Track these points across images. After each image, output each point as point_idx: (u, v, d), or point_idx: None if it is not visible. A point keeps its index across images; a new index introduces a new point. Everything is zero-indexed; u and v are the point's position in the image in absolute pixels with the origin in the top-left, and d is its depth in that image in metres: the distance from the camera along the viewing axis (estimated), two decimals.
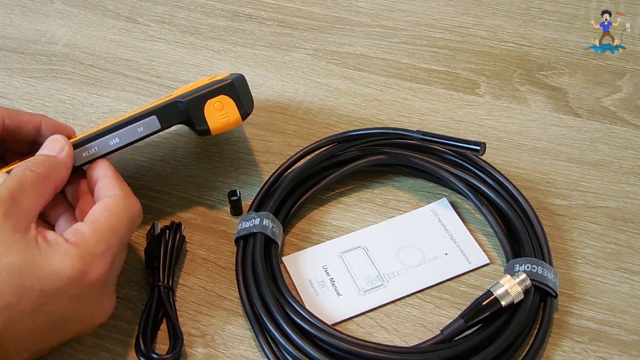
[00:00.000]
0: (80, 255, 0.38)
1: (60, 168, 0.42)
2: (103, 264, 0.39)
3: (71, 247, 0.38)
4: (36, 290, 0.36)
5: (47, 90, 0.62)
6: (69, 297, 0.37)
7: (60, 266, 0.37)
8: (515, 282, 0.43)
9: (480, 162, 0.52)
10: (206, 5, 0.71)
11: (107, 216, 0.40)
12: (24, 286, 0.36)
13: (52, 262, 0.37)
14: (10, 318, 0.36)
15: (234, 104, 0.47)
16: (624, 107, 0.60)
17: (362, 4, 0.71)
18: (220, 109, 0.47)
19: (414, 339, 0.45)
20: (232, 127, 0.48)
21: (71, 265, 0.37)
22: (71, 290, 0.37)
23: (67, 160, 0.43)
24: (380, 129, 0.53)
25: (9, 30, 0.69)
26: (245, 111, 0.48)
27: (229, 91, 0.47)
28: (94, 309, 0.40)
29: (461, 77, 0.63)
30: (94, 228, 0.39)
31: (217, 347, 0.45)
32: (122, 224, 0.41)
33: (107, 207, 0.41)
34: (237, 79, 0.48)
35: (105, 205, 0.41)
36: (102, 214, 0.40)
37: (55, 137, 0.44)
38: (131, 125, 0.46)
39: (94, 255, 0.38)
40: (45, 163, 0.42)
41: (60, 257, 0.37)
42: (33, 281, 0.36)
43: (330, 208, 0.53)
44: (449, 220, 0.51)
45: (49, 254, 0.37)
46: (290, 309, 0.44)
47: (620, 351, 0.44)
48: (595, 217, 0.51)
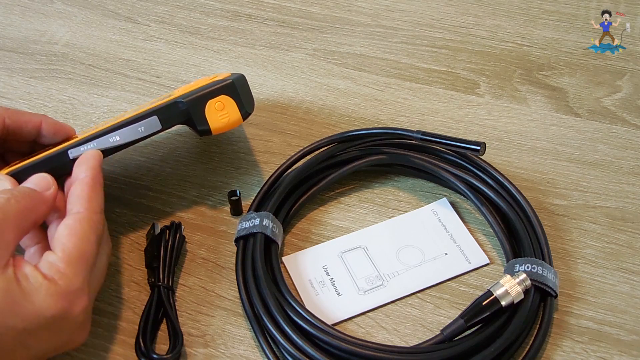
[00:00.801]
0: (61, 293, 0.37)
1: (43, 205, 0.41)
2: (84, 297, 0.39)
3: (51, 285, 0.37)
4: (18, 329, 0.36)
5: (47, 90, 0.62)
6: (50, 332, 0.38)
7: (43, 306, 0.37)
8: (515, 282, 0.43)
9: (480, 162, 0.52)
10: (206, 5, 0.71)
11: (76, 242, 0.39)
12: (6, 325, 0.36)
13: (34, 302, 0.37)
14: None
15: (235, 104, 0.48)
16: (624, 107, 0.60)
17: (362, 4, 0.71)
18: (221, 109, 0.47)
19: (414, 339, 0.45)
20: (233, 127, 0.48)
21: (54, 305, 0.37)
22: (54, 326, 0.38)
23: (51, 200, 0.42)
24: (380, 129, 0.53)
25: (9, 30, 0.69)
26: (246, 111, 0.48)
27: (229, 91, 0.47)
28: (73, 336, 0.40)
29: (461, 77, 0.63)
30: (66, 260, 0.39)
31: (217, 347, 0.45)
32: (90, 248, 0.40)
33: (74, 232, 0.40)
34: (237, 79, 0.48)
35: (71, 230, 0.40)
36: (70, 239, 0.39)
37: (43, 175, 0.43)
38: (132, 125, 0.46)
39: (75, 291, 0.38)
40: (30, 197, 0.40)
41: (42, 296, 0.37)
42: (16, 321, 0.36)
43: (330, 208, 0.53)
44: (449, 220, 0.51)
45: (30, 293, 0.37)
46: (290, 309, 0.44)
47: (620, 351, 0.44)
48: (595, 217, 0.51)
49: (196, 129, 0.48)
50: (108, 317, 0.46)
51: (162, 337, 0.45)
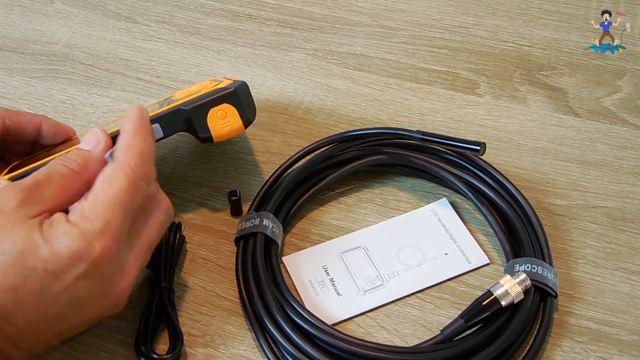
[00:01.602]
0: (78, 233, 0.37)
1: (94, 163, 0.41)
2: (105, 239, 0.37)
3: (69, 226, 0.37)
4: (40, 270, 0.36)
5: (47, 90, 0.62)
6: (74, 276, 0.37)
7: (60, 245, 0.37)
8: (515, 282, 0.43)
9: (480, 162, 0.52)
10: (206, 5, 0.71)
11: (106, 188, 0.39)
12: (28, 267, 0.36)
13: (52, 242, 0.37)
14: (18, 299, 0.36)
15: (237, 112, 0.48)
16: (624, 107, 0.60)
17: (362, 4, 0.71)
18: (223, 117, 0.47)
19: (414, 339, 0.45)
20: (234, 134, 0.48)
21: (70, 244, 0.37)
22: (75, 269, 0.37)
23: (102, 156, 0.42)
24: (380, 129, 0.53)
25: (9, 30, 0.69)
26: (247, 119, 0.48)
27: (232, 100, 0.47)
28: (104, 287, 0.39)
29: (461, 77, 0.63)
30: (92, 203, 0.38)
31: (217, 347, 0.45)
32: (123, 195, 0.39)
33: (107, 178, 0.39)
34: (240, 87, 0.48)
35: (105, 177, 0.39)
36: (101, 186, 0.39)
37: (95, 130, 0.43)
38: None
39: (93, 232, 0.37)
40: (78, 158, 0.41)
41: (59, 236, 0.37)
42: (36, 261, 0.36)
43: (330, 208, 0.53)
44: (449, 220, 0.51)
45: (50, 234, 0.37)
46: (290, 309, 0.44)
47: (620, 351, 0.44)
48: (595, 217, 0.51)
49: (198, 137, 0.48)
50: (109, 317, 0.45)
51: (162, 337, 0.45)
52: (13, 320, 0.36)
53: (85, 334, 0.45)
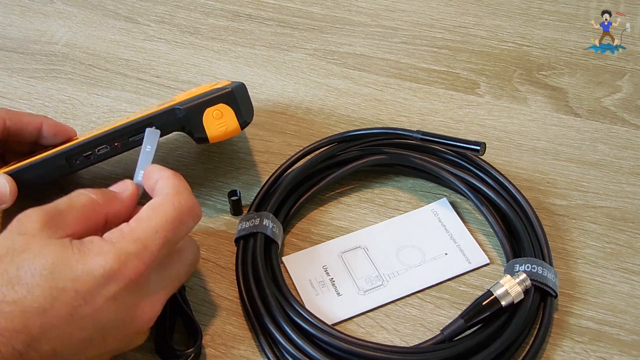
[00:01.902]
0: (114, 253, 0.36)
1: (117, 202, 0.42)
2: (138, 263, 0.37)
3: (105, 244, 0.37)
4: (70, 292, 0.35)
5: (47, 90, 0.62)
6: (104, 298, 0.36)
7: (93, 265, 0.36)
8: (515, 282, 0.43)
9: (480, 162, 0.52)
10: (206, 5, 0.71)
11: (151, 214, 0.38)
12: (57, 287, 0.35)
13: (85, 262, 0.36)
14: (46, 322, 0.35)
15: (233, 112, 0.47)
16: (624, 107, 0.60)
17: (362, 4, 0.71)
18: (218, 118, 0.47)
19: (414, 339, 0.45)
20: (230, 136, 0.48)
21: (103, 263, 0.36)
22: (105, 290, 0.36)
23: (127, 200, 0.42)
24: (380, 129, 0.53)
25: (9, 30, 0.69)
26: (244, 120, 0.48)
27: (228, 100, 0.47)
28: (132, 313, 0.38)
29: (461, 77, 0.63)
30: (134, 226, 0.38)
31: (217, 347, 0.45)
32: (166, 223, 0.38)
33: (153, 206, 0.39)
34: (237, 88, 0.48)
35: (152, 205, 0.39)
36: (146, 212, 0.39)
37: (125, 181, 0.43)
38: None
39: (128, 254, 0.37)
40: (103, 193, 0.41)
41: (94, 255, 0.36)
42: (66, 282, 0.35)
43: (330, 208, 0.53)
44: (449, 220, 0.51)
45: (82, 253, 0.36)
46: (290, 309, 0.44)
47: (620, 351, 0.44)
48: (595, 217, 0.51)
49: (193, 137, 0.48)
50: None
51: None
52: (37, 346, 0.35)
53: None
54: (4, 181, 0.44)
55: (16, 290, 0.35)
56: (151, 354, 0.44)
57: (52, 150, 0.46)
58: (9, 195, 0.44)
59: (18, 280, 0.35)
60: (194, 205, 0.40)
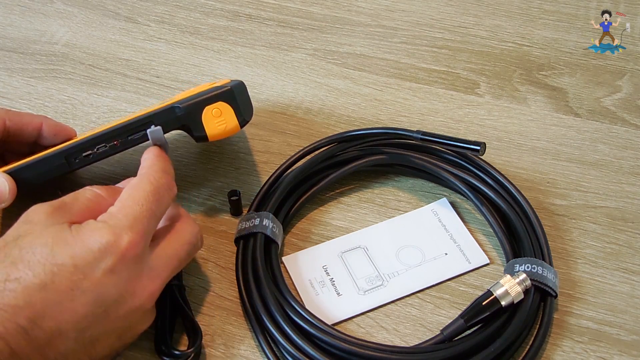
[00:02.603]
0: (108, 228, 0.38)
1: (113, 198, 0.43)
2: (132, 234, 0.39)
3: (99, 223, 0.39)
4: (69, 266, 0.37)
5: (47, 90, 0.62)
6: (102, 271, 0.38)
7: (90, 240, 0.38)
8: (515, 282, 0.43)
9: (480, 162, 0.52)
10: (206, 5, 0.71)
11: (131, 192, 0.41)
12: (57, 263, 0.37)
13: (82, 239, 0.38)
14: (48, 298, 0.36)
15: (232, 111, 0.47)
16: (624, 107, 0.60)
17: (362, 4, 0.71)
18: (218, 116, 0.47)
19: (414, 339, 0.45)
20: (230, 134, 0.47)
21: (99, 237, 0.38)
22: (103, 263, 0.38)
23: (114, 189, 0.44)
24: (380, 129, 0.53)
25: (9, 30, 0.69)
26: (243, 118, 0.48)
27: (227, 98, 0.47)
28: (132, 288, 0.39)
29: (461, 77, 0.63)
30: (120, 205, 0.40)
31: (217, 347, 0.45)
32: (147, 196, 0.41)
33: (132, 185, 0.42)
34: (236, 86, 0.48)
35: (130, 184, 0.42)
36: (127, 191, 0.41)
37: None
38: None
39: (121, 227, 0.39)
40: (109, 189, 0.43)
41: (90, 232, 0.38)
42: (65, 258, 0.37)
43: (330, 208, 0.53)
44: (449, 220, 0.51)
45: (79, 232, 0.38)
46: (290, 309, 0.44)
47: (620, 351, 0.44)
48: (595, 217, 0.51)
49: (193, 135, 0.47)
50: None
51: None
52: (41, 322, 0.36)
53: None
54: (3, 180, 0.44)
55: (19, 268, 0.37)
56: (151, 354, 0.44)
57: (52, 149, 0.46)
58: (8, 194, 0.44)
59: (20, 259, 0.37)
60: (168, 181, 0.43)
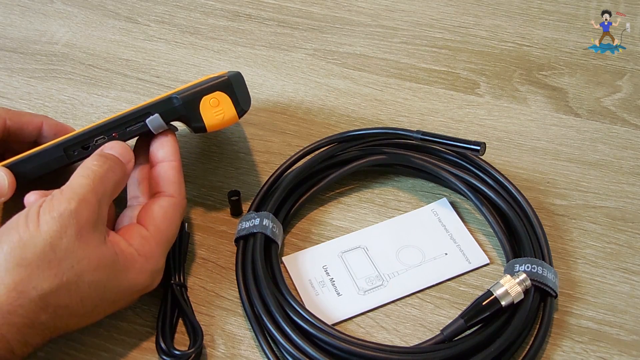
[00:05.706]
0: (150, 270, 0.43)
1: (126, 177, 0.45)
2: (161, 275, 0.44)
3: (144, 262, 0.42)
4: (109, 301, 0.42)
5: (47, 90, 0.62)
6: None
7: (135, 281, 0.42)
8: (515, 282, 0.43)
9: (480, 162, 0.52)
10: (206, 5, 0.71)
11: (168, 225, 0.44)
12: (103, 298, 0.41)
13: (129, 278, 0.42)
14: (77, 322, 0.41)
15: (230, 100, 0.47)
16: (624, 107, 0.60)
17: (362, 4, 0.71)
18: (215, 106, 0.47)
19: (414, 339, 0.45)
20: (228, 124, 0.48)
21: (143, 281, 0.42)
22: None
23: (129, 172, 0.45)
24: (380, 129, 0.53)
25: (9, 30, 0.69)
26: (241, 108, 0.48)
27: (225, 88, 0.47)
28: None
29: (461, 77, 0.63)
30: (158, 240, 0.43)
31: (217, 347, 0.45)
32: (175, 232, 0.45)
33: (167, 216, 0.44)
34: (233, 76, 0.48)
35: (166, 213, 0.44)
36: (164, 222, 0.44)
37: (124, 146, 0.46)
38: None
39: (159, 270, 0.44)
40: (119, 167, 0.44)
41: (136, 273, 0.42)
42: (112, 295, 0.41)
43: (330, 208, 0.53)
44: (449, 220, 0.51)
45: (128, 270, 0.41)
46: (290, 309, 0.44)
47: (620, 351, 0.44)
48: (595, 217, 0.51)
49: (191, 126, 0.47)
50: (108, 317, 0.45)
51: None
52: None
53: (85, 333, 0.45)
54: (2, 174, 0.44)
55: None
56: (151, 354, 0.44)
57: (50, 142, 0.46)
58: (8, 188, 0.44)
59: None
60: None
